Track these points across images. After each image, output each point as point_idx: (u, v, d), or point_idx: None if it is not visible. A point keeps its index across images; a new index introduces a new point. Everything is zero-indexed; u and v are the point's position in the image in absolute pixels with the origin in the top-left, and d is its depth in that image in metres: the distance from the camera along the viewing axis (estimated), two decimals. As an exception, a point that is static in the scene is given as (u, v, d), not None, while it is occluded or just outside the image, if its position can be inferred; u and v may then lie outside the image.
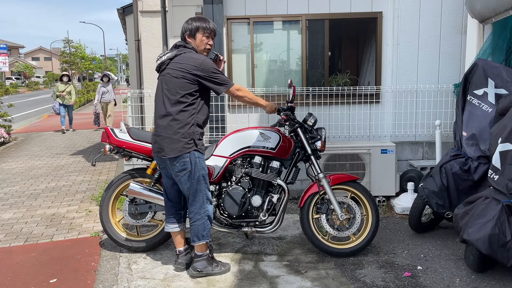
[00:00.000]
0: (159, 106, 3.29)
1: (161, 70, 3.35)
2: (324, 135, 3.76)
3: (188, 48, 3.32)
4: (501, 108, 3.43)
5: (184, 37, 3.38)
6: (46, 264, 3.63)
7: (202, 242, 3.36)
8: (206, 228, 3.35)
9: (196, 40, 3.34)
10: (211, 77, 3.23)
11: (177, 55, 3.28)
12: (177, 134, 3.19)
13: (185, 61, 3.23)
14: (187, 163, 3.22)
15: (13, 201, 5.52)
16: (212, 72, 3.23)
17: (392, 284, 3.23)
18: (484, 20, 4.35)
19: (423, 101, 5.40)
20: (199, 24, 3.33)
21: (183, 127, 3.20)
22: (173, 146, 3.19)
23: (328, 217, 3.69)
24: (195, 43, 3.35)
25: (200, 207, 3.31)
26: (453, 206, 3.68)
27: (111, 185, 3.84)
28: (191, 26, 3.33)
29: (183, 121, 3.20)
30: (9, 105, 11.24)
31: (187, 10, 5.50)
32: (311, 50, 5.71)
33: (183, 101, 3.20)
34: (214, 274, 3.37)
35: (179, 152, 3.19)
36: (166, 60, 3.30)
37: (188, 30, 3.35)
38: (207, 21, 3.37)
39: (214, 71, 3.24)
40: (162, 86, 3.29)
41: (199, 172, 3.27)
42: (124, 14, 10.41)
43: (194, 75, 3.19)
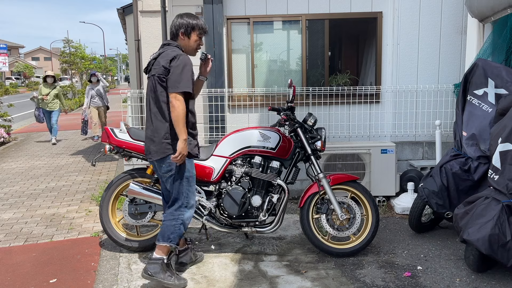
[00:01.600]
0: (146, 108, 3.23)
1: (148, 71, 3.26)
2: (324, 135, 3.77)
3: (172, 46, 3.19)
4: (501, 108, 3.44)
5: (177, 33, 3.22)
6: (46, 264, 3.63)
7: (166, 244, 3.19)
8: (176, 232, 3.19)
9: (190, 39, 3.23)
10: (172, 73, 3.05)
11: (160, 53, 3.18)
12: (160, 135, 3.11)
13: (163, 57, 3.10)
14: (172, 164, 3.11)
15: (13, 201, 5.52)
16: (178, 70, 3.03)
17: (392, 284, 3.23)
18: (483, 19, 4.35)
19: (423, 101, 5.40)
20: (196, 22, 3.22)
21: (165, 128, 3.10)
22: (156, 148, 3.12)
23: (328, 217, 3.69)
24: (187, 42, 3.23)
25: (177, 209, 3.20)
26: (453, 206, 3.68)
27: (111, 185, 3.84)
28: (187, 23, 3.20)
29: (164, 122, 3.10)
30: (9, 105, 11.24)
31: (187, 10, 5.45)
32: (311, 50, 5.71)
33: (165, 101, 3.09)
34: (164, 283, 3.14)
35: (162, 154, 3.11)
36: (151, 61, 3.22)
37: (183, 26, 3.20)
38: (201, 20, 3.26)
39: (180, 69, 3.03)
40: (148, 87, 3.19)
41: (183, 174, 3.15)
42: (124, 14, 10.41)
43: (167, 69, 3.06)
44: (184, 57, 3.09)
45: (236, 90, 5.51)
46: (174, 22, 3.23)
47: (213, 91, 5.32)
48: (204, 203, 3.66)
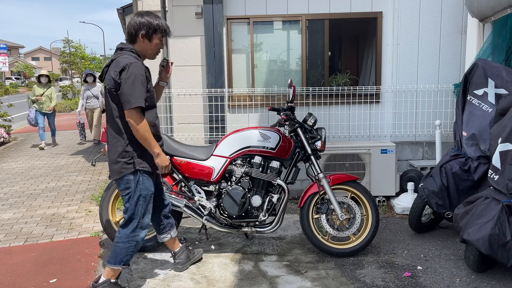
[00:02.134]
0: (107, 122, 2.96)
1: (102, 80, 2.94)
2: (324, 135, 3.77)
3: (126, 51, 2.84)
4: (501, 108, 3.44)
5: (136, 34, 2.86)
6: (46, 264, 3.63)
7: (117, 267, 2.99)
8: (129, 254, 3.00)
9: (151, 42, 2.91)
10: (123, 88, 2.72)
11: (112, 60, 2.83)
12: (116, 153, 2.86)
13: (114, 67, 2.77)
14: (130, 182, 2.88)
15: (13, 201, 5.52)
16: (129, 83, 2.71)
17: (392, 284, 3.23)
18: (483, 19, 4.35)
19: (423, 101, 5.40)
20: (158, 23, 2.87)
21: (120, 146, 2.85)
22: (114, 167, 2.88)
23: (328, 217, 3.69)
24: (147, 45, 2.91)
25: (132, 231, 2.97)
26: (453, 206, 3.68)
27: (111, 185, 3.85)
28: (149, 24, 2.85)
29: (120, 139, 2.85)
30: (9, 105, 11.23)
31: (187, 10, 5.50)
32: (311, 50, 5.71)
33: (119, 116, 2.82)
34: None
35: (119, 174, 2.87)
36: (104, 68, 2.89)
37: (144, 27, 2.84)
38: (162, 20, 2.92)
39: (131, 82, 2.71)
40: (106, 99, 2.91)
41: (139, 193, 2.92)
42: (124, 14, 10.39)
43: (117, 82, 2.74)
44: (134, 66, 2.74)
45: (236, 90, 5.51)
46: (134, 22, 2.85)
47: (213, 91, 5.32)
48: (204, 203, 3.66)
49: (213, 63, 5.43)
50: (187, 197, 3.71)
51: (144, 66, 2.86)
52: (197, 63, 5.59)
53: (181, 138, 5.23)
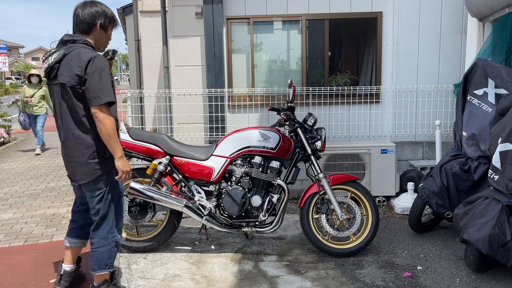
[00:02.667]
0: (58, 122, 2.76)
1: (51, 77, 2.70)
2: (324, 135, 3.77)
3: (79, 43, 2.66)
4: (501, 108, 3.43)
5: (93, 23, 2.69)
6: (46, 264, 3.63)
7: (105, 272, 2.87)
8: (112, 256, 2.87)
9: (107, 33, 2.77)
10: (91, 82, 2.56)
11: (65, 55, 2.62)
12: (85, 155, 2.71)
13: (74, 62, 2.59)
14: (103, 181, 2.77)
15: (13, 201, 5.52)
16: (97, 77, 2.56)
17: (392, 284, 3.23)
18: (482, 18, 4.35)
19: (423, 101, 5.40)
20: (111, 12, 2.74)
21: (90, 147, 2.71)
22: (84, 170, 2.73)
23: (328, 217, 3.69)
24: (102, 36, 2.76)
25: (108, 231, 2.83)
26: (453, 206, 3.68)
27: (111, 185, 3.84)
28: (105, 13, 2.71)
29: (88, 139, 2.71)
30: (9, 105, 11.22)
31: (187, 10, 5.50)
32: (311, 50, 5.71)
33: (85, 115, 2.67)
34: None
35: (91, 177, 2.72)
36: (55, 64, 2.64)
37: (101, 16, 2.69)
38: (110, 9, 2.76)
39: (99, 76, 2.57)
40: (57, 97, 2.69)
41: (112, 192, 2.82)
42: (124, 14, 10.39)
43: (82, 78, 2.58)
44: (99, 59, 2.60)
45: (236, 90, 5.51)
46: (88, 11, 2.67)
47: (213, 91, 5.32)
48: (204, 203, 3.66)
49: (213, 63, 5.43)
50: (187, 197, 3.70)
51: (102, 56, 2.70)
52: (197, 63, 5.59)
53: (181, 138, 5.23)
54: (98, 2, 2.74)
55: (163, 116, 5.52)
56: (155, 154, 3.72)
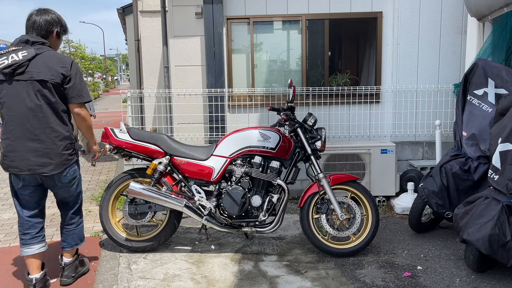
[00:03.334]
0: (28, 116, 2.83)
1: (16, 73, 2.78)
2: (324, 135, 3.77)
3: (46, 46, 2.88)
4: (501, 108, 3.44)
5: (50, 30, 2.92)
6: (46, 264, 3.62)
7: (83, 244, 3.38)
8: (83, 231, 3.39)
9: (59, 40, 3.04)
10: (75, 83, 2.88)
11: (37, 54, 2.79)
12: (59, 148, 2.91)
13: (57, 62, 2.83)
14: (76, 171, 3.12)
15: (13, 201, 5.51)
16: (80, 80, 2.92)
17: (392, 284, 3.23)
18: (481, 18, 4.35)
19: (423, 101, 5.40)
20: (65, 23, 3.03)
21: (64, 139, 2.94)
22: (57, 161, 2.91)
23: (328, 217, 3.69)
24: (57, 43, 3.01)
25: (78, 212, 3.32)
26: (453, 206, 3.68)
27: (111, 185, 3.85)
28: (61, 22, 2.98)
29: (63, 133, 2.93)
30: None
31: (187, 10, 5.50)
32: (311, 50, 5.71)
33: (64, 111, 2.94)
34: (83, 272, 3.41)
35: (64, 166, 2.96)
36: (24, 62, 2.76)
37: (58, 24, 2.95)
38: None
39: (81, 78, 2.94)
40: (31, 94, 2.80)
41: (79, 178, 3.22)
42: (124, 14, 10.41)
43: (66, 77, 2.84)
44: (75, 63, 2.95)
45: (236, 90, 5.51)
46: (45, 18, 2.90)
47: (213, 91, 5.32)
48: (204, 203, 3.66)
49: (213, 63, 5.43)
50: (187, 197, 3.71)
51: None
52: (197, 63, 5.59)
53: (181, 138, 5.23)
54: (50, 11, 2.98)
55: (163, 116, 5.52)
56: (155, 154, 3.72)
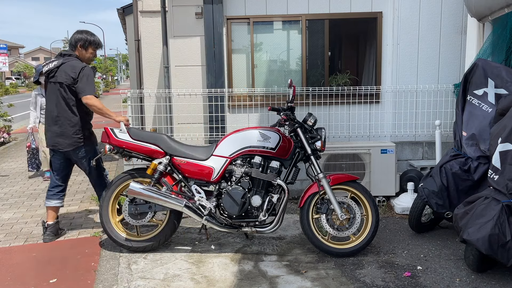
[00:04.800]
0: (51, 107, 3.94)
1: (49, 76, 3.92)
2: (324, 135, 3.77)
3: (73, 57, 3.94)
4: (501, 108, 3.44)
5: (75, 45, 3.99)
6: (46, 264, 3.63)
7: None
8: None
9: (87, 52, 4.03)
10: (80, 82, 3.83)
11: (63, 63, 3.88)
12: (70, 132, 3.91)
13: (70, 69, 3.85)
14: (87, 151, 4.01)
15: (13, 201, 5.52)
16: (85, 77, 3.83)
17: (392, 284, 3.23)
18: (481, 18, 4.35)
19: (423, 101, 5.40)
20: (92, 39, 4.03)
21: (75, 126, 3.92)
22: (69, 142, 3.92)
23: (328, 217, 3.69)
24: (83, 53, 4.01)
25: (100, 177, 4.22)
26: (453, 206, 3.68)
27: (111, 185, 3.85)
28: (85, 39, 3.99)
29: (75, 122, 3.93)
30: (9, 105, 11.21)
31: (187, 10, 5.50)
32: (311, 50, 5.71)
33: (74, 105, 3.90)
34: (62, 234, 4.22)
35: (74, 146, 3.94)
36: (54, 68, 3.89)
37: (81, 40, 3.98)
38: (97, 36, 4.09)
39: (86, 78, 3.83)
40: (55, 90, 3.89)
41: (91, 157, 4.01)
42: (124, 14, 10.40)
43: (73, 78, 3.83)
44: (86, 68, 3.88)
45: (236, 90, 5.51)
46: (74, 37, 4.01)
47: (213, 91, 5.32)
48: (204, 203, 3.66)
49: (213, 63, 5.43)
50: (187, 197, 3.71)
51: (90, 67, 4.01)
52: (197, 63, 5.59)
53: (181, 138, 5.23)
54: (86, 32, 4.06)
55: (163, 116, 5.52)
56: (155, 154, 3.72)
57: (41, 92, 6.17)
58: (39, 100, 6.23)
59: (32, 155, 6.51)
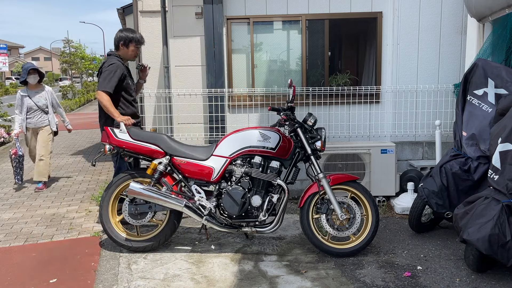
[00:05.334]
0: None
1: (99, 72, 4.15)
2: (324, 135, 3.77)
3: (112, 55, 4.10)
4: (501, 108, 3.44)
5: (118, 45, 4.12)
6: (46, 264, 3.63)
7: None
8: None
9: (129, 49, 4.13)
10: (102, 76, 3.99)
11: (105, 61, 4.11)
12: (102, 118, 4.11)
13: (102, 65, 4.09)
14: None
15: (13, 201, 5.52)
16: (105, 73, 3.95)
17: (392, 284, 3.23)
18: (481, 19, 4.35)
19: (423, 101, 5.40)
20: (132, 35, 4.11)
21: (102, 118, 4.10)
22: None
23: (328, 217, 3.69)
24: (125, 51, 4.13)
25: None
26: (453, 206, 3.68)
27: (111, 185, 3.84)
28: (126, 37, 4.08)
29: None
30: (9, 105, 11.21)
31: (187, 10, 5.50)
32: (311, 50, 5.71)
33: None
34: None
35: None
36: (100, 67, 4.14)
37: (122, 39, 4.09)
38: (137, 33, 4.20)
39: (106, 73, 3.94)
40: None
41: None
42: (124, 14, 10.39)
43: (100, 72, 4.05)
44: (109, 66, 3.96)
45: (236, 90, 5.51)
46: (116, 36, 4.12)
47: (213, 91, 5.32)
48: (204, 203, 3.66)
49: (213, 63, 5.43)
50: (187, 197, 3.71)
51: (123, 65, 4.09)
52: (197, 63, 5.59)
53: (181, 138, 5.23)
54: (126, 30, 4.20)
55: (163, 116, 5.52)
56: (155, 154, 3.73)
57: (27, 94, 5.87)
58: (26, 102, 5.84)
59: (18, 163, 6.01)
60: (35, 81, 5.91)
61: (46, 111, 6.01)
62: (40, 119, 5.99)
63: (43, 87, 6.06)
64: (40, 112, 5.96)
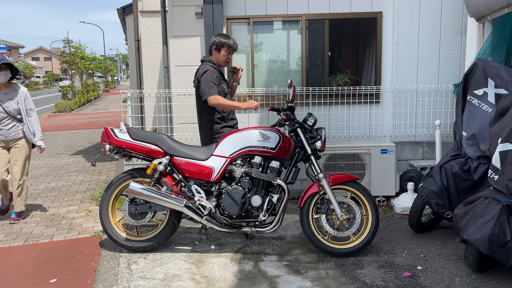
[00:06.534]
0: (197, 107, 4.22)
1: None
2: (324, 135, 3.77)
3: (205, 61, 4.07)
4: (501, 108, 3.43)
5: (210, 50, 4.10)
6: (46, 264, 3.63)
7: None
8: None
9: (220, 54, 4.05)
10: (200, 86, 3.92)
11: (198, 69, 4.06)
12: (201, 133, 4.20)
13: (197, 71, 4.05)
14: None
15: (13, 201, 5.51)
16: (203, 83, 3.89)
17: (392, 284, 3.23)
18: (480, 18, 4.35)
19: (423, 101, 5.40)
20: (224, 41, 4.04)
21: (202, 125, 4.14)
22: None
23: (328, 217, 3.69)
24: (217, 56, 4.07)
25: None
26: (453, 206, 3.68)
27: (111, 185, 3.84)
28: (218, 41, 4.04)
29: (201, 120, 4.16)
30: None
31: (187, 10, 5.50)
32: (311, 50, 5.71)
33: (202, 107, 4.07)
34: None
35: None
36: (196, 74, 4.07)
37: (215, 44, 4.06)
38: (231, 39, 4.09)
39: (204, 82, 3.88)
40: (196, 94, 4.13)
41: None
42: (124, 14, 10.40)
43: (197, 80, 3.97)
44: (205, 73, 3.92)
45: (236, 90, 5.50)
46: (210, 41, 4.13)
47: (213, 91, 5.31)
48: (204, 203, 3.66)
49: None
50: (187, 197, 3.71)
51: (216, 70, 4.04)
52: (197, 63, 5.55)
53: (181, 138, 5.23)
54: (220, 35, 4.11)
55: (163, 116, 5.52)
56: (155, 154, 3.73)
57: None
58: None
59: None
60: (6, 78, 4.46)
61: (19, 119, 4.56)
62: (12, 130, 4.54)
63: (15, 87, 4.57)
64: (10, 120, 4.52)
